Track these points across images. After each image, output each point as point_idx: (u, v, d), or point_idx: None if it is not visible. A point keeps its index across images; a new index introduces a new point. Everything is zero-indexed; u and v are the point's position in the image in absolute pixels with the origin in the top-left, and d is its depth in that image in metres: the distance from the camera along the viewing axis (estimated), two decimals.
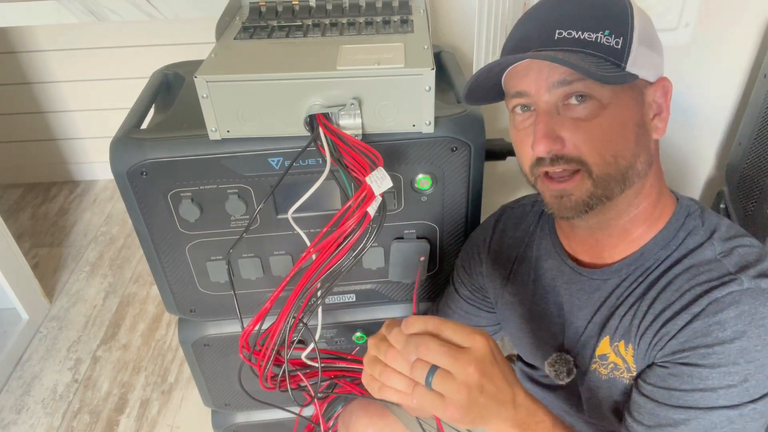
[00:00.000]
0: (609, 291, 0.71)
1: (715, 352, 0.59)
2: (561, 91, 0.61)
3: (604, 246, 0.71)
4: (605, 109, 0.61)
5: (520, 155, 0.69)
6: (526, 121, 0.66)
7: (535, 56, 0.61)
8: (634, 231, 0.69)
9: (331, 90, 0.74)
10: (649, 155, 0.66)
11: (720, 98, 1.26)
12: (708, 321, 0.60)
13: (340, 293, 1.01)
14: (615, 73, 0.60)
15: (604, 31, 0.61)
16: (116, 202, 2.28)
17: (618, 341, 0.69)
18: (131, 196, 0.84)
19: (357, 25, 0.86)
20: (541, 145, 0.62)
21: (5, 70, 2.15)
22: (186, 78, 1.02)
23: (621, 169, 0.63)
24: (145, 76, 1.04)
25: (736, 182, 1.26)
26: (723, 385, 0.59)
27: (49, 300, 1.83)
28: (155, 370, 1.62)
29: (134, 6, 1.12)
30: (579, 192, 0.64)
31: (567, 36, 0.61)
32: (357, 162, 0.71)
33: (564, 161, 0.63)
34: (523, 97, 0.64)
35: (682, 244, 0.67)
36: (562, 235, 0.77)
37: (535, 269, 0.79)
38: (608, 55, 0.60)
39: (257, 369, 0.82)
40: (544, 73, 0.62)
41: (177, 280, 0.95)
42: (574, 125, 0.62)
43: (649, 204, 0.68)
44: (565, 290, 0.76)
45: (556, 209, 0.67)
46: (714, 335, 0.60)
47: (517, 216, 0.84)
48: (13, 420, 1.49)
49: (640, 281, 0.68)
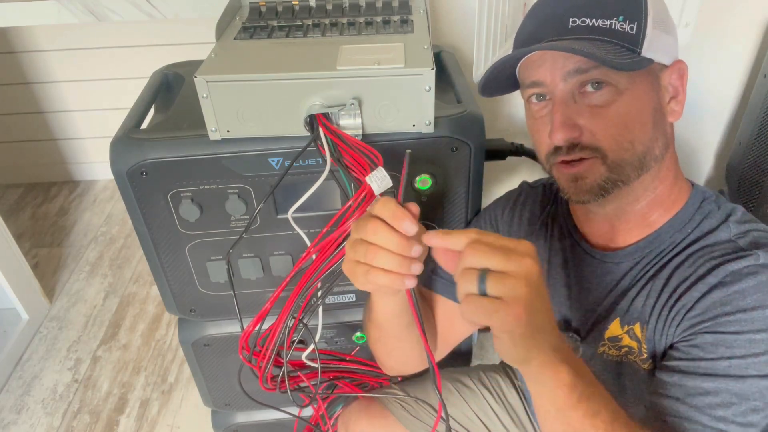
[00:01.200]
0: (621, 275, 0.70)
1: (737, 320, 0.58)
2: (577, 79, 0.62)
3: (619, 231, 0.71)
4: (622, 95, 0.61)
5: (536, 144, 0.69)
6: (542, 110, 0.66)
7: (551, 47, 0.61)
8: (651, 215, 0.69)
9: (331, 90, 0.74)
10: (665, 139, 0.66)
11: (720, 98, 1.26)
12: (727, 290, 0.59)
13: (340, 293, 1.01)
14: (631, 60, 0.60)
15: (618, 17, 0.61)
16: (116, 202, 2.28)
17: (633, 324, 0.68)
18: (131, 196, 0.84)
19: (357, 25, 0.86)
20: (559, 134, 0.62)
21: (5, 70, 2.15)
22: (186, 78, 1.01)
23: (638, 155, 0.63)
24: (145, 76, 1.04)
25: (736, 182, 1.26)
26: (750, 353, 0.57)
27: (49, 300, 1.83)
28: (155, 370, 1.61)
29: (134, 6, 1.12)
30: (593, 176, 0.63)
31: (581, 24, 0.61)
32: (357, 162, 0.71)
33: (580, 149, 0.63)
34: (538, 86, 0.64)
35: (697, 228, 0.66)
36: (577, 218, 0.77)
37: (548, 249, 0.79)
38: (623, 41, 0.60)
39: (257, 370, 0.82)
40: (559, 62, 0.62)
41: (177, 280, 0.95)
42: (591, 113, 0.62)
43: (665, 187, 0.68)
44: (575, 272, 0.75)
45: (572, 193, 0.66)
46: (734, 304, 0.58)
47: (535, 195, 0.84)
48: (13, 420, 1.49)
49: (654, 263, 0.68)
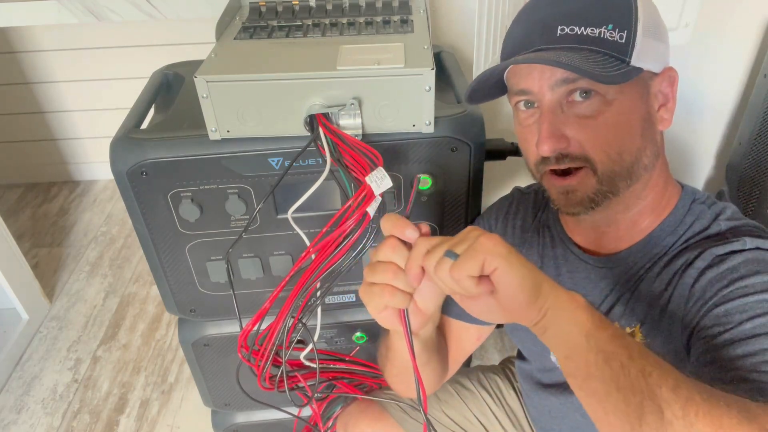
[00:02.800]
0: (616, 279, 0.70)
1: (738, 288, 0.56)
2: (565, 88, 0.61)
3: (609, 237, 0.71)
4: (610, 105, 0.61)
5: (524, 152, 0.68)
6: (529, 118, 0.65)
7: (538, 59, 0.60)
8: (642, 222, 0.68)
9: (331, 90, 0.74)
10: (655, 147, 0.65)
11: (720, 98, 1.26)
12: (718, 269, 0.59)
13: (340, 293, 1.01)
14: (618, 72, 0.59)
15: (607, 26, 0.60)
16: (116, 202, 2.28)
17: (633, 326, 0.68)
18: (131, 196, 0.84)
19: (357, 25, 0.86)
20: (546, 145, 0.61)
21: (5, 70, 2.15)
22: (186, 78, 1.02)
23: (626, 166, 0.63)
24: (145, 76, 1.04)
25: (736, 182, 1.26)
26: (766, 311, 0.54)
27: (49, 300, 1.83)
28: (155, 370, 1.61)
29: (134, 6, 1.12)
30: (584, 188, 0.63)
31: (569, 32, 0.60)
32: (357, 162, 0.71)
33: (569, 159, 0.62)
34: (526, 94, 0.64)
35: (689, 229, 0.66)
36: (567, 225, 0.77)
37: (541, 256, 0.79)
38: (612, 50, 0.60)
39: (255, 369, 0.82)
40: (548, 72, 0.61)
41: (177, 280, 0.95)
42: (578, 123, 0.61)
43: (656, 195, 0.68)
44: (569, 278, 0.75)
45: (562, 205, 0.66)
46: (729, 277, 0.58)
47: (527, 201, 0.84)
48: (13, 420, 1.49)
49: (648, 267, 0.67)
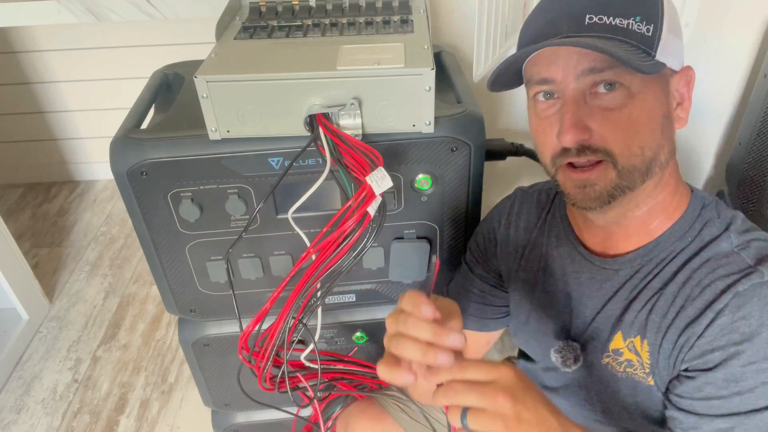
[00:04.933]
0: (621, 282, 0.69)
1: (744, 349, 0.58)
2: (590, 78, 0.59)
3: (618, 237, 0.70)
4: (634, 98, 0.60)
5: (541, 144, 0.66)
6: (549, 109, 0.63)
7: (572, 42, 0.58)
8: (651, 222, 0.68)
9: (331, 90, 0.74)
10: (671, 146, 0.65)
11: (720, 98, 1.26)
12: (732, 317, 0.59)
13: (340, 293, 1.01)
14: (649, 62, 0.58)
15: (636, 18, 0.59)
16: (116, 202, 2.28)
17: (633, 336, 0.68)
18: (131, 196, 0.84)
19: (357, 25, 0.86)
20: (569, 135, 0.60)
21: (5, 70, 2.15)
22: (186, 78, 1.02)
23: (646, 161, 0.62)
24: (145, 76, 1.04)
25: (736, 182, 1.26)
26: (758, 383, 0.58)
27: (49, 300, 1.83)
28: (155, 370, 1.61)
29: (134, 6, 1.12)
30: (603, 182, 0.62)
31: (598, 21, 0.59)
32: (357, 162, 0.71)
33: (590, 152, 0.61)
34: (548, 84, 0.62)
35: (698, 236, 0.66)
36: (575, 224, 0.76)
37: (546, 256, 0.78)
38: (639, 42, 0.59)
39: (256, 370, 0.82)
40: (573, 60, 0.59)
41: (177, 280, 0.95)
42: (602, 115, 0.60)
43: (667, 195, 0.67)
44: (574, 278, 0.74)
45: (579, 200, 0.64)
46: (741, 330, 0.58)
47: (530, 201, 0.83)
48: (13, 420, 1.49)
49: (655, 273, 0.67)
